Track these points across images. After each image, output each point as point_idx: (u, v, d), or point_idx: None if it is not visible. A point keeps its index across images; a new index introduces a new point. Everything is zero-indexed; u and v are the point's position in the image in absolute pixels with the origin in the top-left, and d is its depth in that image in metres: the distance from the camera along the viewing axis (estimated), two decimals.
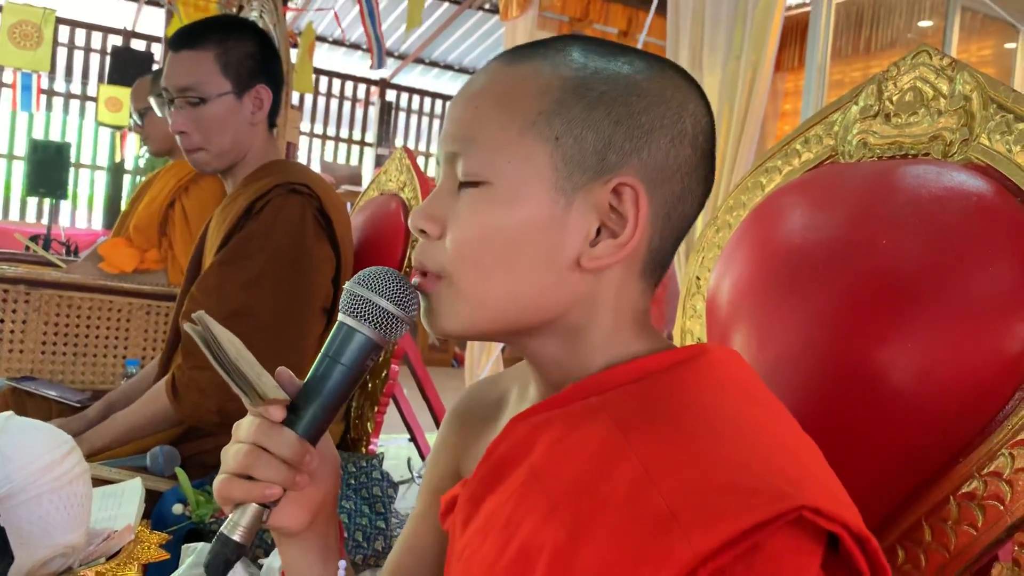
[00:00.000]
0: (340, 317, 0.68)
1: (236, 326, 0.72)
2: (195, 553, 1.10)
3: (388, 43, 9.02)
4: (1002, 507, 0.70)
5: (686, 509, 0.53)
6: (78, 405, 1.89)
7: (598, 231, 0.65)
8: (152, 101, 2.59)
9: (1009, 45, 5.53)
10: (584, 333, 0.67)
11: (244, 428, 0.68)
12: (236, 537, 0.66)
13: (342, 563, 0.75)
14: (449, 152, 0.68)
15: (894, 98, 0.89)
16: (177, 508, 1.38)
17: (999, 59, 5.48)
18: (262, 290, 1.55)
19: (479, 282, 0.66)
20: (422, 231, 0.68)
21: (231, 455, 0.67)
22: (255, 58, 1.71)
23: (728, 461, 0.56)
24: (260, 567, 1.18)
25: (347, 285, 0.68)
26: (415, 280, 0.69)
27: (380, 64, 5.65)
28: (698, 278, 1.06)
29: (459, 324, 0.68)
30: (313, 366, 0.69)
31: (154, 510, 1.41)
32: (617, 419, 0.62)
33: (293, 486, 0.67)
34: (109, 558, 1.06)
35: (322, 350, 0.69)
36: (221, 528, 0.67)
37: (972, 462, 0.73)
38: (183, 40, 1.68)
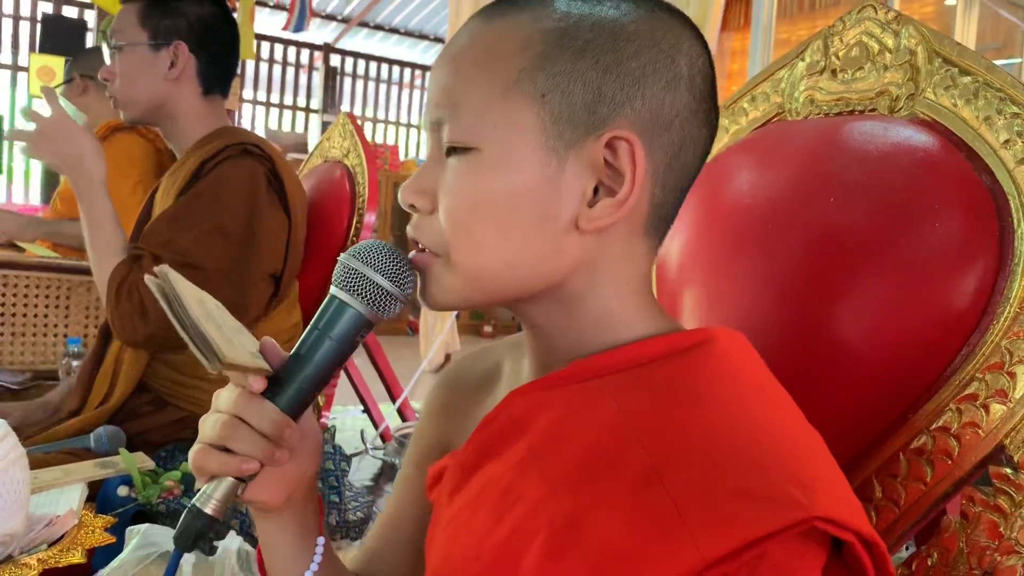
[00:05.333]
0: (332, 290, 0.65)
1: (189, 278, 0.69)
2: (140, 535, 1.08)
3: (331, 7, 8.84)
4: (950, 461, 0.71)
5: (694, 510, 0.51)
6: (16, 388, 1.83)
7: (596, 190, 0.62)
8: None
9: (949, 2, 5.60)
10: (585, 300, 0.64)
11: (224, 398, 0.65)
12: (208, 510, 0.63)
13: (320, 540, 0.73)
14: (434, 120, 0.64)
15: (840, 53, 0.88)
16: (122, 490, 1.35)
17: (940, 16, 5.56)
18: (210, 247, 1.52)
19: (474, 254, 0.62)
20: (412, 206, 0.65)
21: (209, 425, 0.64)
22: (185, 18, 1.68)
23: (740, 462, 0.53)
24: (215, 550, 1.16)
25: (342, 257, 0.65)
26: (411, 254, 0.65)
27: (298, 27, 5.58)
28: None
29: (453, 298, 0.65)
30: (300, 338, 0.66)
31: (99, 492, 1.37)
32: (623, 406, 0.59)
33: (272, 461, 0.64)
34: (52, 544, 1.03)
35: (311, 322, 0.66)
36: (193, 500, 0.64)
37: (921, 418, 0.73)
38: None
